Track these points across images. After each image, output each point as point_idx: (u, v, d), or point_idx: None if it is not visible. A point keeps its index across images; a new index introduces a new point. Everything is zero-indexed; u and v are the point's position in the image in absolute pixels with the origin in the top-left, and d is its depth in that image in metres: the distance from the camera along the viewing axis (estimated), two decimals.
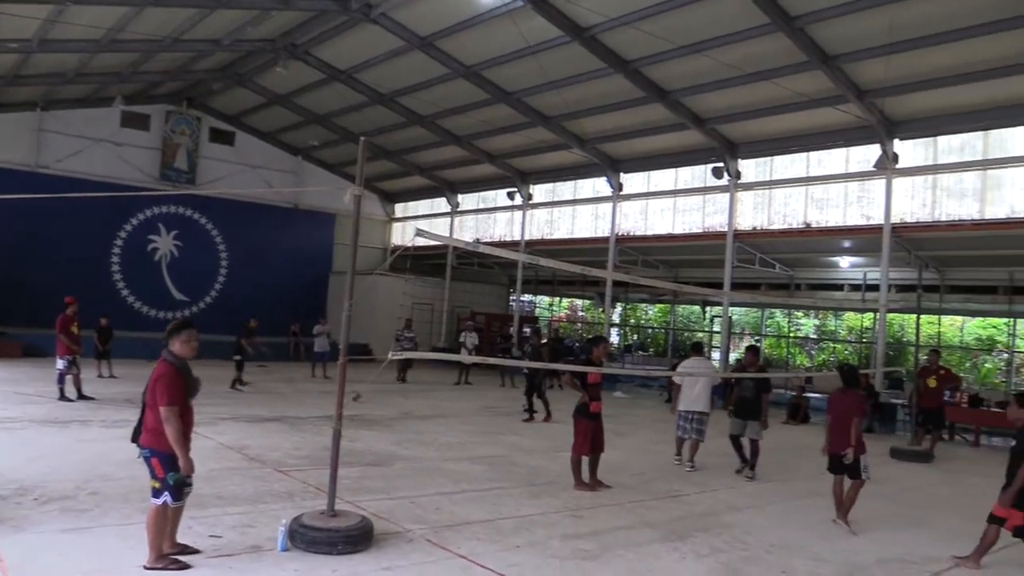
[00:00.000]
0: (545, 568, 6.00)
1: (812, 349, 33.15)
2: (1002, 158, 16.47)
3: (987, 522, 6.75)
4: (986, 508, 9.46)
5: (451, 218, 30.15)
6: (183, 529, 5.81)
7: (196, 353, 5.62)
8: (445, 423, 13.85)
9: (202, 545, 5.86)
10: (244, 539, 6.15)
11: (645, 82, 18.54)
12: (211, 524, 6.42)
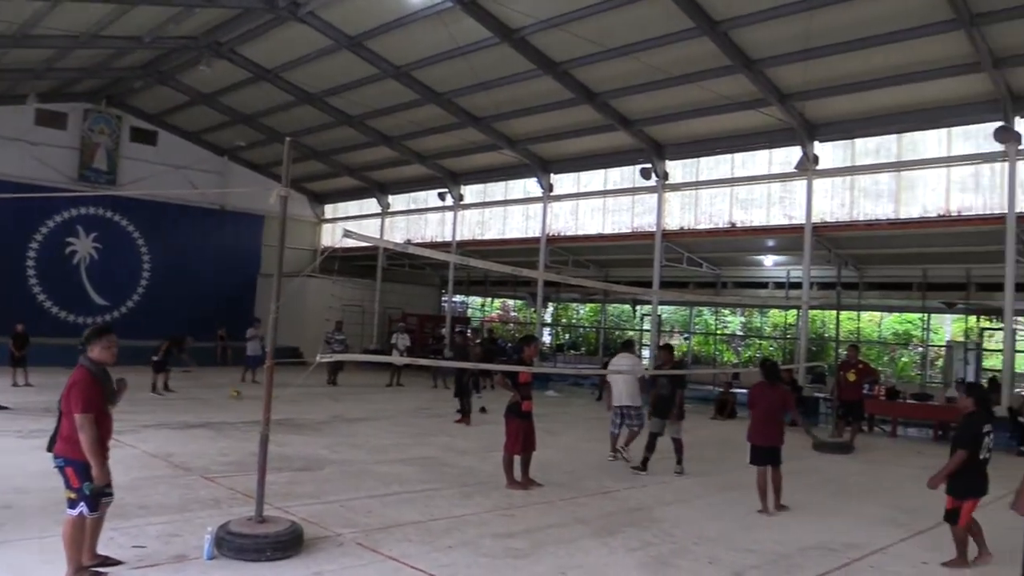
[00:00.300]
0: (476, 567, 6.02)
1: (739, 346, 33.94)
2: (915, 160, 17.16)
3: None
4: (903, 495, 9.91)
5: (382, 219, 29.91)
6: (104, 540, 5.65)
7: (115, 359, 5.47)
8: (377, 425, 13.76)
9: (125, 556, 5.71)
10: (169, 548, 6.01)
11: (574, 84, 18.72)
12: (134, 534, 6.26)
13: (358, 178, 29.13)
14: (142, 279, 27.46)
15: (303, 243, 31.34)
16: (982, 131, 15.91)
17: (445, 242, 26.98)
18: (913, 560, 6.90)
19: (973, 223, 16.35)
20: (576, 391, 22.89)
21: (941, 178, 16.82)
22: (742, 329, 34.66)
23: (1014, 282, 15.58)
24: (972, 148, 16.35)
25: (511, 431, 9.05)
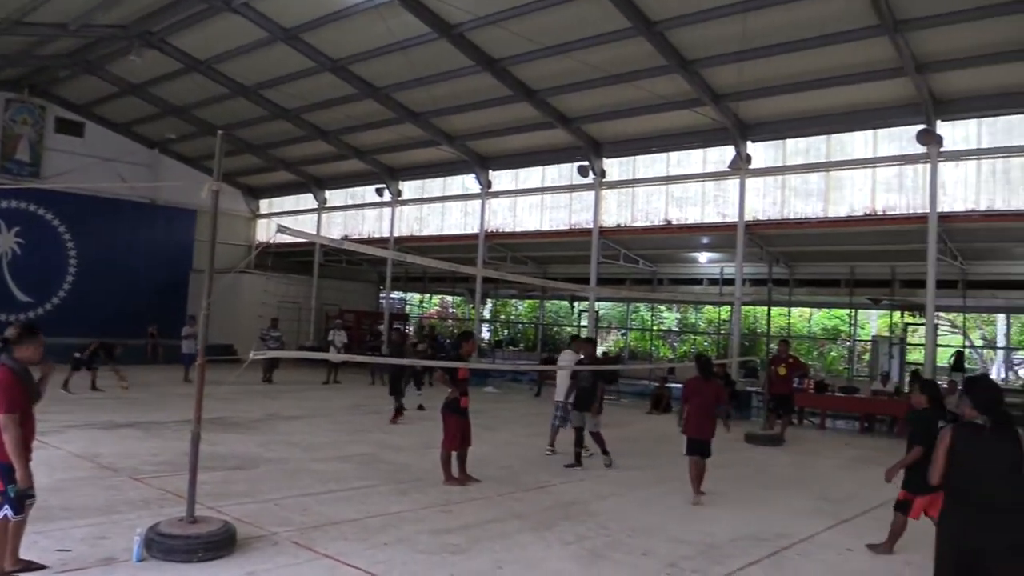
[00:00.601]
0: (413, 564, 6.02)
1: (675, 341, 34.46)
2: (843, 161, 17.67)
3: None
4: (830, 486, 10.22)
5: (318, 215, 29.56)
6: (28, 544, 5.48)
7: (40, 358, 5.31)
8: (313, 423, 13.61)
9: (49, 560, 5.55)
10: (95, 551, 5.86)
11: (512, 81, 18.77)
12: (59, 538, 6.08)
13: (294, 172, 28.72)
14: (68, 275, 26.60)
15: (237, 238, 30.77)
16: (906, 133, 16.46)
17: (383, 238, 26.80)
18: (838, 548, 7.14)
19: (897, 222, 16.92)
20: (515, 387, 22.98)
21: (867, 178, 17.36)
22: (678, 325, 35.22)
23: (935, 279, 16.18)
24: (896, 150, 16.91)
25: (450, 427, 9.05)
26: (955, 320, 26.87)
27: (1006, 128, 15.78)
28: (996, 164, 15.86)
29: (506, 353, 32.58)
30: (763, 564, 6.50)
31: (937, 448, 4.60)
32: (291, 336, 25.66)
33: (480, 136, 22.49)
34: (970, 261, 18.71)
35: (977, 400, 4.61)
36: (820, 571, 6.41)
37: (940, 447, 4.57)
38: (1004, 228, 16.45)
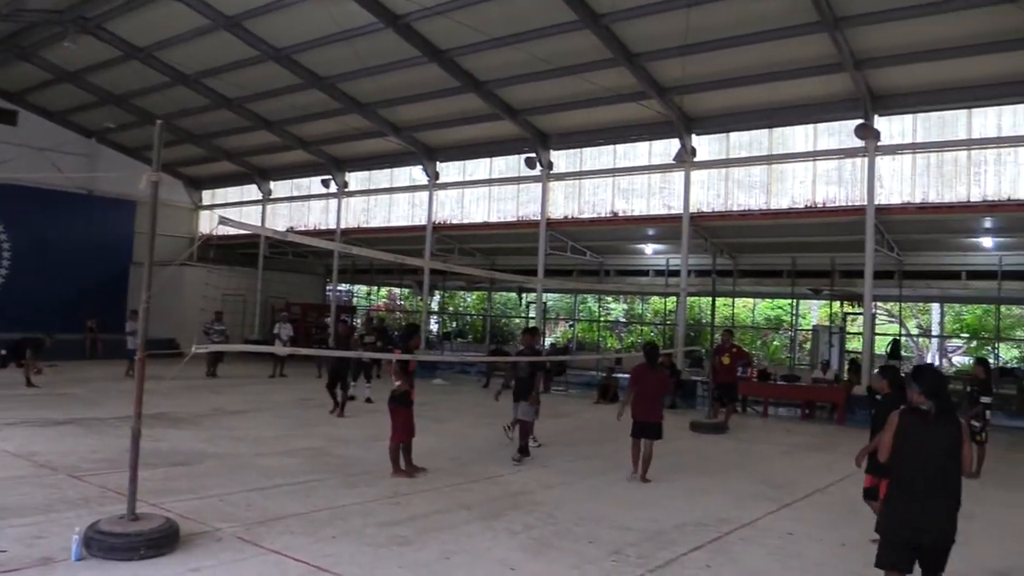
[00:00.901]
0: (360, 556, 6.00)
1: (622, 332, 34.80)
2: (784, 154, 18.05)
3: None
4: (773, 472, 10.45)
5: (263, 206, 29.14)
6: None
7: None
8: (259, 417, 13.44)
9: None
10: (32, 551, 5.71)
11: (459, 72, 18.73)
12: None
13: (238, 163, 28.25)
14: (1, 268, 25.77)
15: (179, 230, 30.10)
16: (845, 128, 16.90)
17: (329, 230, 26.54)
18: (780, 532, 7.31)
19: (836, 214, 17.34)
20: (463, 379, 22.97)
21: (808, 171, 17.75)
22: (624, 316, 35.57)
23: (873, 270, 16.65)
24: (836, 143, 17.34)
25: (400, 419, 9.02)
26: (892, 309, 27.62)
27: (939, 123, 16.28)
28: (930, 158, 16.34)
29: (454, 345, 32.53)
30: (706, 549, 6.63)
31: (885, 430, 4.86)
32: (236, 329, 25.26)
33: (427, 127, 22.40)
34: (906, 252, 19.25)
35: (925, 387, 4.81)
36: (761, 555, 6.55)
37: (888, 429, 4.83)
38: (938, 220, 16.99)
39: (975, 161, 15.87)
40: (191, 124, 25.15)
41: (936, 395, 4.77)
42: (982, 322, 27.63)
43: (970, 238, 18.30)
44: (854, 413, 16.08)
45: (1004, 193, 15.52)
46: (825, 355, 21.98)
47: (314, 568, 5.68)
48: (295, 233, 21.74)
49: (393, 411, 9.05)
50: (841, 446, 13.00)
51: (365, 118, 21.99)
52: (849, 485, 9.69)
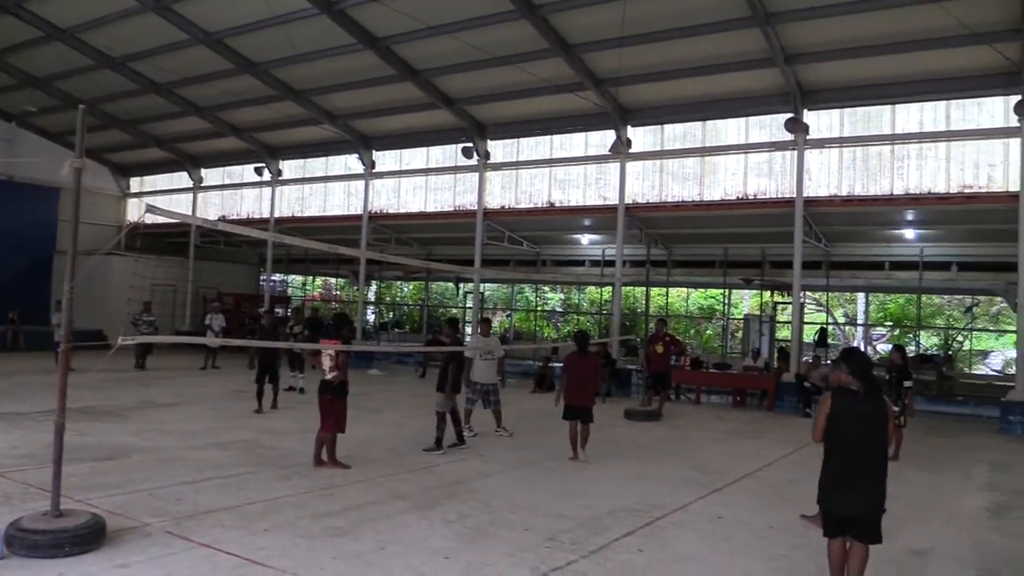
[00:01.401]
0: (293, 548, 5.95)
1: (558, 321, 35.07)
2: (717, 146, 18.38)
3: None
4: (704, 458, 10.67)
5: (194, 194, 28.48)
6: None
7: None
8: (189, 410, 13.18)
9: None
10: None
11: (396, 60, 18.58)
12: None
13: (168, 150, 27.53)
14: None
15: (106, 218, 29.18)
16: (775, 121, 17.28)
17: (263, 219, 26.09)
18: (710, 516, 7.49)
19: (767, 206, 17.75)
20: (399, 369, 22.87)
21: (740, 164, 18.11)
22: (561, 305, 35.84)
23: (801, 260, 17.11)
24: (767, 137, 17.72)
25: (338, 411, 8.95)
26: (820, 299, 28.42)
27: (865, 119, 16.78)
28: (856, 152, 16.84)
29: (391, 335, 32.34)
30: (639, 534, 6.75)
31: (818, 411, 5.19)
32: (166, 320, 24.67)
33: (363, 115, 22.18)
34: (833, 243, 19.79)
35: (853, 368, 5.15)
36: (692, 539, 6.71)
37: (821, 410, 5.16)
38: (863, 212, 17.52)
39: (898, 156, 16.41)
40: (118, 109, 24.43)
41: (863, 376, 5.11)
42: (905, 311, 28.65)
43: (893, 230, 18.91)
44: (783, 400, 16.55)
45: (925, 187, 16.08)
46: (756, 343, 22.51)
47: (246, 561, 5.62)
48: (227, 222, 21.31)
49: (330, 402, 8.93)
50: (770, 432, 13.40)
51: (299, 105, 21.66)
52: (776, 470, 10.01)
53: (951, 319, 29.11)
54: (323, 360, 9.00)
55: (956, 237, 18.62)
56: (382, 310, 37.47)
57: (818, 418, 5.18)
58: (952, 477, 10.09)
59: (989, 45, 13.99)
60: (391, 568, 5.63)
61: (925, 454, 11.36)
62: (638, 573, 5.76)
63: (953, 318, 28.97)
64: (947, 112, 15.97)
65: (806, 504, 7.99)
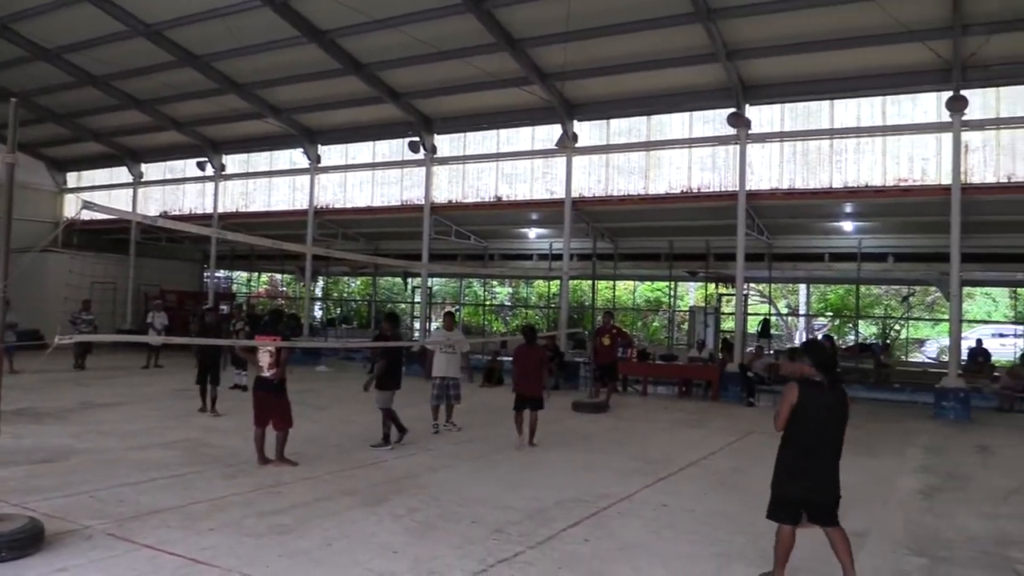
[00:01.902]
0: (240, 547, 5.89)
1: (507, 315, 35.16)
2: (662, 141, 18.61)
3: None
4: (650, 448, 10.83)
5: (134, 189, 27.85)
6: None
7: None
8: (132, 410, 12.91)
9: None
10: None
11: (341, 53, 18.42)
12: None
13: (106, 144, 26.88)
14: None
15: (41, 215, 28.32)
16: (718, 116, 17.57)
17: (206, 214, 25.67)
18: (655, 504, 7.61)
19: (711, 199, 18.04)
20: (347, 365, 22.70)
21: (684, 158, 18.36)
22: (510, 299, 35.93)
23: (744, 253, 17.44)
24: (710, 131, 17.99)
25: (284, 408, 8.90)
26: (763, 290, 28.98)
27: (805, 113, 17.15)
28: (796, 146, 17.20)
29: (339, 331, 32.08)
30: (585, 524, 6.84)
31: (782, 402, 5.30)
32: (106, 319, 24.10)
33: (308, 109, 21.94)
34: (775, 236, 20.20)
35: (817, 360, 5.31)
36: (637, 526, 6.82)
37: (786, 401, 5.26)
38: (804, 205, 17.93)
39: (836, 150, 16.81)
40: (53, 102, 23.78)
41: (826, 368, 5.28)
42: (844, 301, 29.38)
43: (832, 222, 19.37)
44: (728, 390, 16.86)
45: (862, 180, 16.51)
46: (701, 335, 22.86)
47: (190, 561, 5.55)
48: (168, 218, 20.90)
49: (270, 400, 8.84)
50: (715, 421, 13.66)
51: (243, 99, 21.34)
52: (720, 458, 10.22)
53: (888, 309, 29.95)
54: (261, 357, 8.88)
55: (892, 229, 19.16)
56: (329, 306, 37.15)
57: (782, 408, 5.28)
58: (888, 461, 10.41)
59: (923, 43, 14.43)
60: (338, 564, 5.62)
61: (864, 439, 11.67)
62: (584, 562, 5.84)
63: (890, 308, 29.80)
64: (883, 107, 16.41)
65: (750, 491, 8.20)
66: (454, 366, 11.67)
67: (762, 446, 11.11)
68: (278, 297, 37.00)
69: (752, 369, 16.79)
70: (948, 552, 6.41)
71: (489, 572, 5.55)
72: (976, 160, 15.52)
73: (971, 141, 15.51)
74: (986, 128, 15.46)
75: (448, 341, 11.70)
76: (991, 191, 15.40)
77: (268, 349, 8.82)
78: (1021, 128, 15.24)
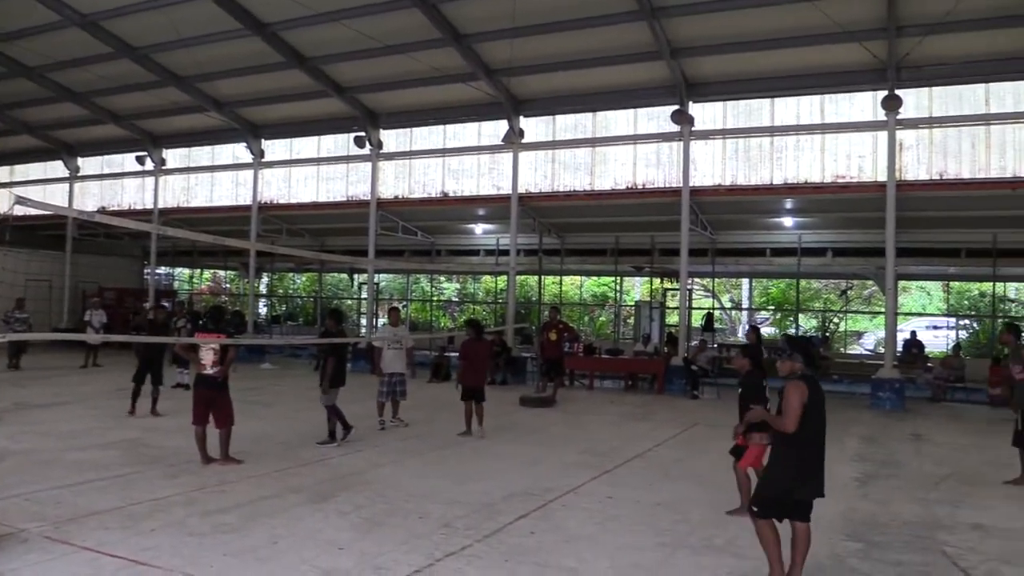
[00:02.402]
0: (183, 547, 5.81)
1: (455, 311, 35.09)
2: (607, 137, 18.79)
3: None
4: (596, 441, 10.94)
5: (70, 184, 27.10)
6: None
7: None
8: (69, 410, 12.60)
9: None
10: None
11: (284, 46, 18.20)
12: None
13: (41, 138, 26.13)
14: None
15: None
16: (663, 113, 17.82)
17: (146, 210, 25.11)
18: (600, 496, 7.71)
19: (655, 195, 18.29)
20: (293, 362, 22.47)
21: (629, 154, 18.57)
22: (457, 295, 35.89)
23: (688, 248, 17.70)
24: (655, 128, 18.23)
25: (227, 406, 8.80)
26: (707, 285, 29.45)
27: (747, 111, 17.48)
28: (739, 143, 17.53)
29: (284, 328, 31.68)
30: (532, 516, 6.90)
31: (791, 400, 5.08)
32: (42, 317, 23.51)
33: (251, 103, 21.62)
34: (718, 231, 20.55)
35: (804, 356, 5.28)
36: (582, 518, 6.90)
37: (795, 398, 5.07)
38: (746, 201, 18.28)
39: (777, 147, 17.17)
40: None
41: (813, 363, 5.31)
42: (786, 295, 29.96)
43: (773, 218, 19.79)
44: (672, 383, 17.11)
45: (802, 176, 16.89)
46: (647, 329, 23.12)
47: (131, 562, 5.45)
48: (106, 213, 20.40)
49: (212, 398, 8.73)
50: (660, 414, 13.86)
51: (184, 92, 20.92)
52: (665, 450, 10.38)
53: (828, 302, 30.64)
54: (204, 354, 8.74)
55: (831, 224, 19.63)
56: (274, 303, 36.67)
57: (792, 406, 5.06)
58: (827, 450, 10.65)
59: (859, 43, 14.81)
60: (284, 562, 5.58)
61: None
62: (530, 554, 5.89)
63: (829, 301, 30.50)
64: (822, 106, 16.82)
65: (693, 481, 8.37)
66: (400, 361, 11.64)
67: (706, 438, 11.34)
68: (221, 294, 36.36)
69: (696, 363, 17.07)
70: (882, 536, 6.62)
71: (436, 566, 5.57)
72: (910, 158, 16.01)
73: (905, 139, 16.00)
74: (919, 127, 15.95)
75: (395, 337, 11.69)
76: (924, 187, 15.91)
77: (212, 347, 8.69)
78: (953, 127, 15.76)
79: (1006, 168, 15.32)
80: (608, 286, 32.05)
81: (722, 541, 6.33)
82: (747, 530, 5.69)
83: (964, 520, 7.20)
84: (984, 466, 9.72)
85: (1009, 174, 15.27)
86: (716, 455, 8.47)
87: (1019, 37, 14.38)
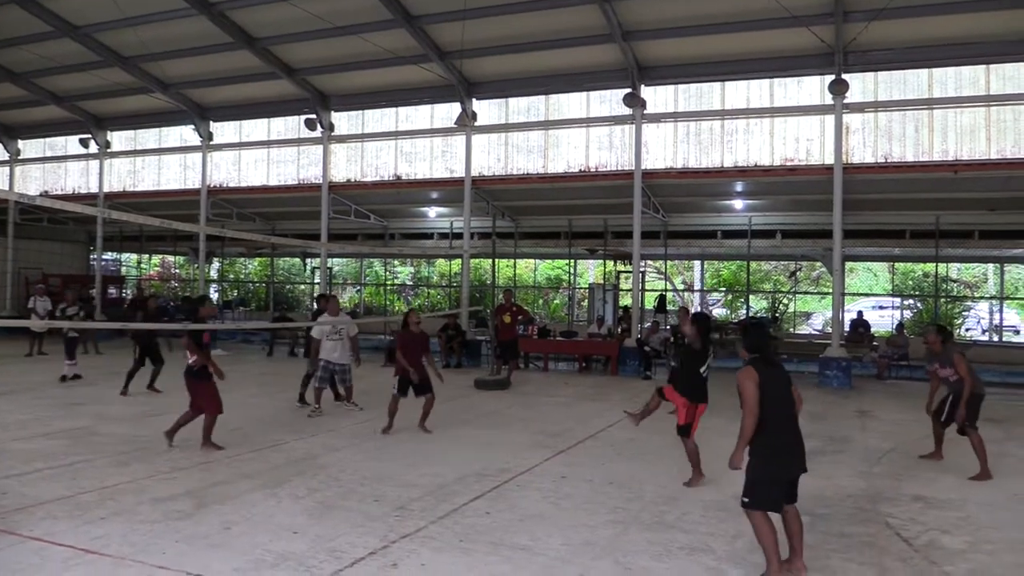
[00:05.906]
0: (133, 535, 5.75)
1: (409, 295, 34.99)
2: (560, 120, 18.82)
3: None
4: (551, 422, 11.04)
5: (11, 167, 26.33)
6: None
7: None
8: (14, 399, 12.31)
9: None
10: None
11: (231, 26, 17.88)
12: None
13: None
14: None
15: None
16: (615, 96, 17.90)
17: (91, 194, 24.52)
18: (554, 476, 7.80)
19: (608, 178, 18.39)
20: (246, 348, 22.22)
21: (582, 137, 18.63)
22: (411, 279, 35.76)
23: (641, 230, 17.86)
24: (607, 111, 18.30)
25: (209, 393, 8.82)
26: (660, 267, 29.76)
27: (697, 94, 17.62)
28: (690, 126, 17.69)
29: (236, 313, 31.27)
30: (486, 497, 6.96)
31: (746, 386, 5.11)
32: None
33: (198, 84, 21.20)
34: (670, 214, 20.74)
35: (749, 343, 5.38)
36: (536, 497, 6.98)
37: (749, 384, 5.09)
38: (697, 184, 18.46)
39: (728, 130, 17.38)
40: None
41: (761, 348, 5.34)
42: (737, 277, 30.44)
43: (724, 200, 20.02)
44: (626, 364, 17.31)
45: (752, 159, 17.14)
46: (600, 311, 23.32)
47: (80, 551, 5.39)
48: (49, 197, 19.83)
49: (195, 386, 8.76)
50: (613, 395, 14.01)
51: (128, 72, 20.44)
52: (617, 430, 10.50)
53: (777, 284, 31.22)
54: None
55: (780, 207, 19.95)
56: (226, 288, 36.15)
57: (748, 393, 5.09)
58: None
59: (807, 28, 15.01)
60: (237, 547, 5.56)
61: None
62: (485, 534, 5.95)
63: (779, 283, 31.08)
64: (771, 90, 17.04)
65: (645, 459, 8.51)
66: (340, 351, 11.39)
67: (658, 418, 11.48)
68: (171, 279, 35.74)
69: (649, 344, 17.28)
70: (827, 509, 6.82)
71: (391, 548, 5.59)
72: (856, 141, 16.34)
73: (852, 123, 16.32)
74: (865, 111, 16.28)
75: (334, 328, 11.49)
76: (870, 170, 16.26)
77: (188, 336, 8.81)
78: (897, 111, 16.11)
79: (948, 151, 15.73)
80: (562, 269, 32.23)
81: (673, 517, 6.45)
82: (699, 505, 5.82)
83: (906, 492, 7.45)
84: (925, 440, 9.99)
85: (951, 157, 15.69)
86: (668, 435, 8.62)
87: (961, 23, 14.73)
